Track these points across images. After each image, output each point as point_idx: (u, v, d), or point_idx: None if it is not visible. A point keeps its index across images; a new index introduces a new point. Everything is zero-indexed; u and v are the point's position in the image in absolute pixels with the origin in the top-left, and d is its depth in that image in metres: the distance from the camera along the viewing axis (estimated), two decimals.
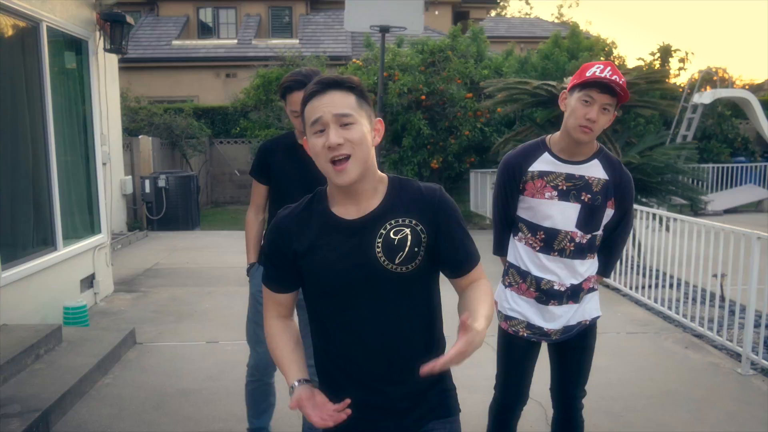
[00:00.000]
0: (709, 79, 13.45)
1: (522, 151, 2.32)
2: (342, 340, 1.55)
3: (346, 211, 1.53)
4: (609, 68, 2.12)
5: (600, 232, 2.32)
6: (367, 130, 1.48)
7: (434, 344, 1.59)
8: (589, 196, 2.23)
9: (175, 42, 18.75)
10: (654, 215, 6.06)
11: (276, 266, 1.60)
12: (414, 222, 1.51)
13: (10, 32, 4.71)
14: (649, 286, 5.86)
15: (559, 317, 2.32)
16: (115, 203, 8.89)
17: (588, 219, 2.24)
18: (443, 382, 1.61)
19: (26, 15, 4.75)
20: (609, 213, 2.30)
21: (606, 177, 2.27)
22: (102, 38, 6.04)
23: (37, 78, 4.97)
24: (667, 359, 4.56)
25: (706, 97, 11.56)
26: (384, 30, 8.57)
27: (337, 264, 1.50)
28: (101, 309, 5.77)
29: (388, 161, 10.83)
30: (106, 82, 6.37)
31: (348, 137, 1.44)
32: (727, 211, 11.89)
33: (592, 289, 2.40)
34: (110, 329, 4.91)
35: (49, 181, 5.11)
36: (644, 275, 6.19)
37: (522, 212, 2.33)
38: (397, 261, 1.49)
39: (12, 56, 4.76)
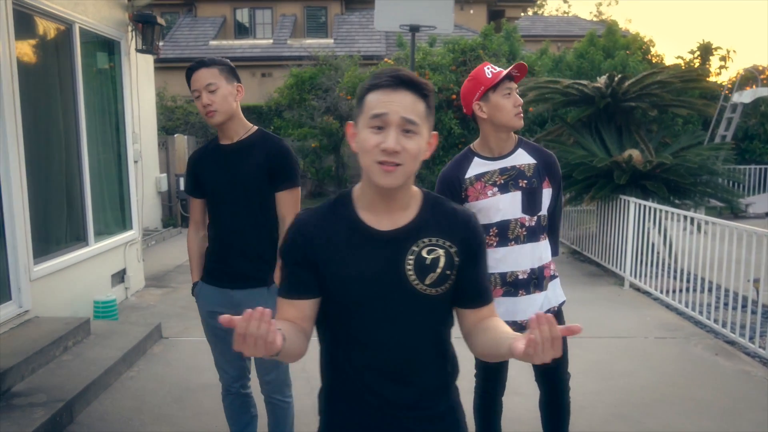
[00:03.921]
0: (751, 77, 13.05)
1: (454, 164, 2.49)
2: (356, 358, 1.48)
3: (377, 219, 1.45)
4: (491, 66, 2.42)
5: (544, 213, 2.50)
6: (424, 144, 1.41)
7: (447, 367, 1.55)
8: (525, 181, 2.43)
9: (213, 42, 19.05)
10: (685, 217, 5.91)
11: (294, 271, 1.47)
12: (448, 244, 1.45)
13: (44, 34, 4.86)
14: (680, 290, 5.71)
15: (529, 307, 2.46)
16: (150, 200, 9.09)
17: (530, 202, 2.43)
18: (455, 412, 1.57)
19: (59, 17, 4.89)
20: (547, 193, 2.49)
21: (533, 161, 2.47)
22: (134, 39, 6.17)
23: (70, 78, 5.11)
24: (694, 366, 4.44)
25: (746, 96, 11.21)
26: (414, 29, 8.55)
27: (363, 276, 1.42)
28: (131, 303, 5.90)
29: None
30: (140, 81, 6.51)
31: (406, 147, 1.35)
32: None
33: (553, 276, 2.57)
34: (138, 323, 5.02)
35: (81, 178, 5.25)
36: (676, 278, 6.04)
37: None
38: (427, 282, 1.43)
39: (46, 57, 4.91)
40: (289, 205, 2.56)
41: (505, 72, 2.37)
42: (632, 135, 7.68)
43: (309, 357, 1.55)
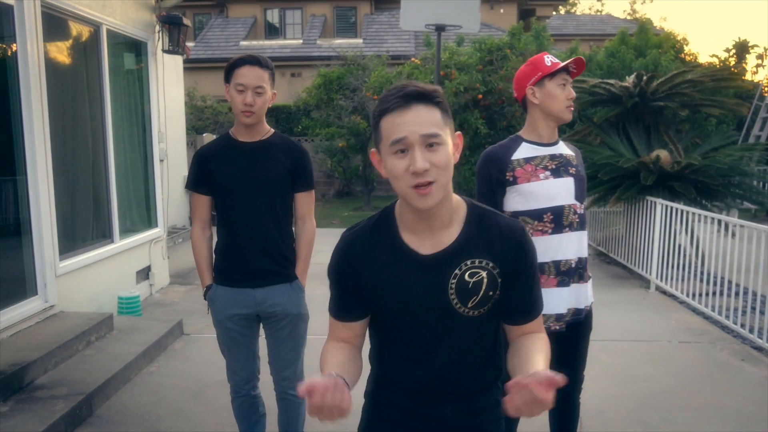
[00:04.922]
0: None
1: (500, 146, 2.47)
2: (404, 371, 1.53)
3: (419, 240, 1.43)
4: (551, 55, 2.45)
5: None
6: (451, 149, 1.36)
7: (488, 374, 1.57)
8: (574, 168, 2.43)
9: (243, 42, 19.27)
10: (712, 219, 5.77)
11: (341, 293, 1.51)
12: (491, 265, 1.42)
13: (71, 35, 4.97)
14: (707, 294, 5.58)
15: (571, 296, 2.42)
16: (178, 199, 9.21)
17: (579, 189, 2.44)
18: (496, 409, 1.57)
19: (87, 19, 5.00)
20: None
21: (573, 153, 2.50)
22: (161, 40, 6.26)
23: (97, 78, 5.21)
24: (719, 371, 4.34)
25: None
26: (440, 29, 8.52)
27: (405, 300, 1.44)
28: (156, 300, 6.00)
29: None
30: (168, 81, 6.61)
31: (434, 161, 1.32)
32: None
33: (590, 276, 2.56)
34: (160, 320, 5.10)
35: (107, 176, 5.35)
36: (703, 281, 5.90)
37: (520, 204, 2.38)
38: (470, 305, 1.43)
39: (74, 58, 5.03)
40: (307, 205, 2.69)
41: (563, 63, 2.40)
42: (661, 135, 7.53)
43: None
